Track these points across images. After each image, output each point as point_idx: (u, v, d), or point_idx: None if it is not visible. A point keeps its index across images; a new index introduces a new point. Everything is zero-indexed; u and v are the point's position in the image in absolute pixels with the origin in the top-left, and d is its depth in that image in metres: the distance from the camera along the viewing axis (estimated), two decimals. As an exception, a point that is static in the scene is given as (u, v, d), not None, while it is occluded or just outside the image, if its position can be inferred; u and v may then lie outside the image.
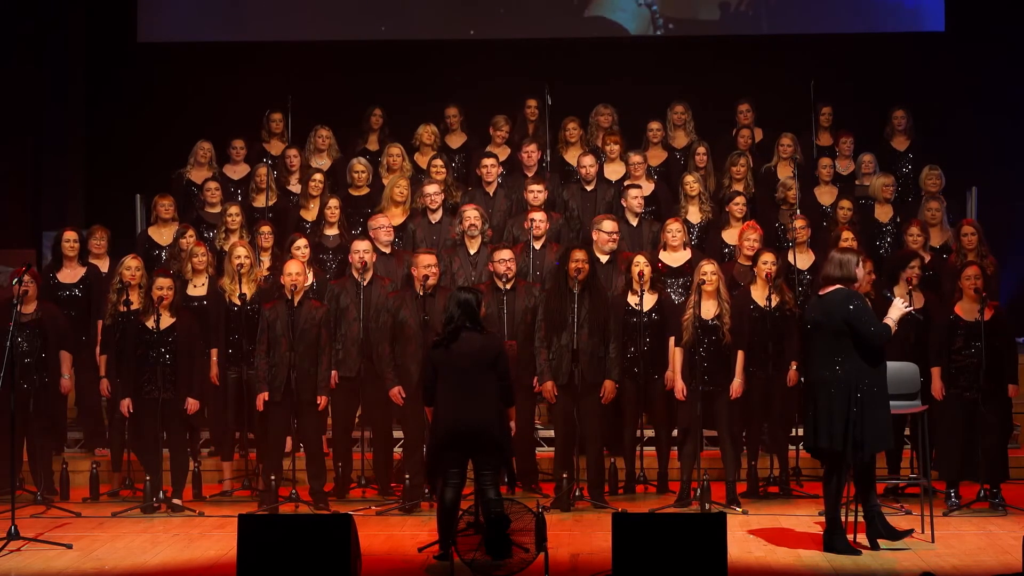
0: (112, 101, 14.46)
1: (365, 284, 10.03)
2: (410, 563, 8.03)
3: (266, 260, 10.83)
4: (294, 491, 9.68)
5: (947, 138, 13.29)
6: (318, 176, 11.82)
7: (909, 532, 8.30)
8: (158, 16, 14.44)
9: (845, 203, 11.40)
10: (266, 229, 10.99)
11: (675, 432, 9.96)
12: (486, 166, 11.64)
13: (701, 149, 12.14)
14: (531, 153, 11.86)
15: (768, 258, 9.89)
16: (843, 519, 8.25)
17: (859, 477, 8.23)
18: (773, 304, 9.80)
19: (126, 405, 9.83)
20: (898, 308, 8.18)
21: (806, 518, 9.12)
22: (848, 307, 8.02)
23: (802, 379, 9.83)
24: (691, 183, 11.49)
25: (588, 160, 11.60)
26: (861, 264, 8.25)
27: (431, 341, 8.40)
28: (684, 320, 9.60)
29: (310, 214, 11.71)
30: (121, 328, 10.10)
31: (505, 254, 9.96)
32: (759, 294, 9.87)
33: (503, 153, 12.28)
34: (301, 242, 10.65)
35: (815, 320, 8.18)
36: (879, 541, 8.21)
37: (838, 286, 8.15)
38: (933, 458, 9.49)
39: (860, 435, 7.98)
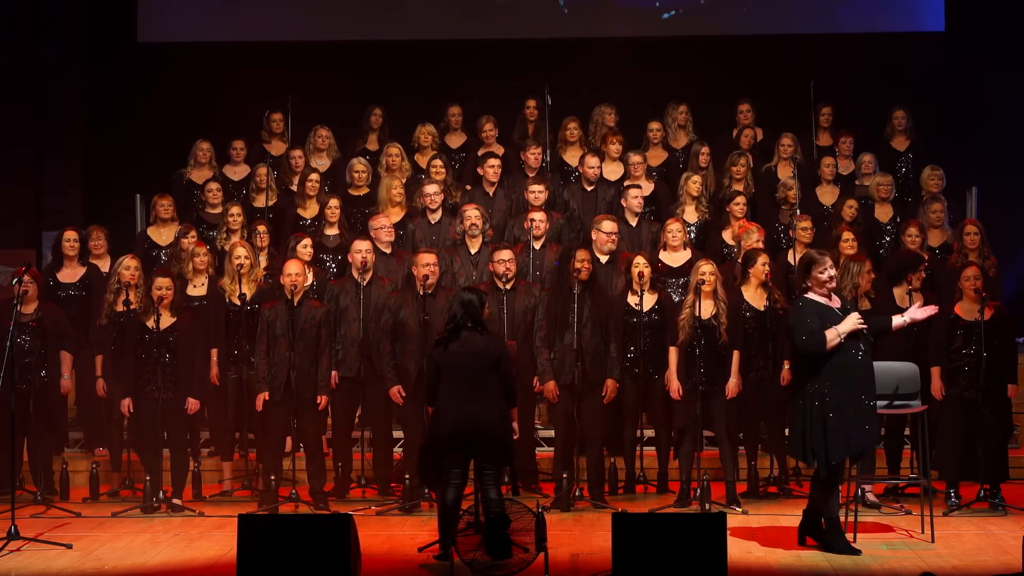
0: (112, 101, 14.45)
1: (365, 284, 10.03)
2: (410, 563, 8.03)
3: (263, 260, 10.84)
4: (294, 491, 9.69)
5: (947, 138, 13.29)
6: (314, 176, 11.82)
7: (858, 552, 8.16)
8: (158, 16, 14.42)
9: (852, 202, 11.39)
10: (262, 228, 11.01)
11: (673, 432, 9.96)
12: (492, 166, 11.63)
13: (704, 150, 12.14)
14: (537, 155, 11.86)
15: (765, 259, 9.88)
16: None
17: (813, 482, 8.25)
18: (771, 303, 9.79)
19: (126, 405, 9.84)
20: (851, 322, 8.09)
21: (806, 518, 9.12)
22: (789, 314, 8.11)
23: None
24: (696, 183, 11.48)
25: (594, 161, 11.61)
26: (817, 271, 8.14)
27: (432, 341, 8.41)
28: (680, 320, 9.60)
29: (307, 213, 11.71)
30: (120, 328, 10.10)
31: (505, 254, 9.96)
32: (751, 294, 9.86)
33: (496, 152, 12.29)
34: (306, 241, 10.68)
35: (787, 326, 8.34)
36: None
37: (802, 289, 8.24)
38: (933, 458, 9.49)
39: (813, 447, 8.05)
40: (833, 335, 8.01)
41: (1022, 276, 13.33)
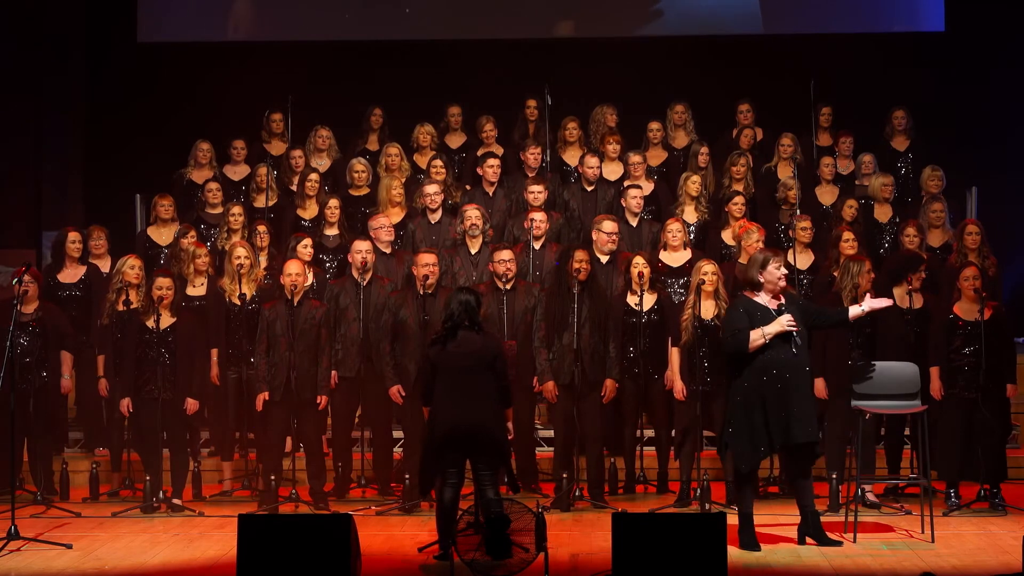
0: (112, 101, 14.44)
1: (365, 284, 10.03)
2: (410, 563, 8.03)
3: (263, 260, 10.84)
4: (294, 491, 9.69)
5: (947, 138, 13.29)
6: (314, 176, 11.82)
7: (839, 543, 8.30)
8: (158, 16, 14.42)
9: (852, 202, 11.38)
10: (262, 228, 11.01)
11: (674, 432, 9.95)
12: (492, 166, 11.64)
13: (704, 150, 12.15)
14: (536, 155, 11.86)
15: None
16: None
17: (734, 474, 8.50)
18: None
19: (126, 404, 9.84)
20: (779, 324, 8.13)
21: (806, 518, 9.11)
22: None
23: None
24: (695, 183, 11.49)
25: (594, 161, 11.62)
26: (773, 266, 8.25)
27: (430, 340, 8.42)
28: (683, 320, 9.60)
29: (307, 213, 11.71)
30: (121, 328, 10.11)
31: (505, 254, 9.96)
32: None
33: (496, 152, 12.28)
34: (307, 241, 10.69)
35: None
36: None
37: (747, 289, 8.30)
38: (933, 458, 9.48)
39: (725, 441, 8.32)
40: (757, 335, 8.10)
41: (1022, 276, 13.33)
